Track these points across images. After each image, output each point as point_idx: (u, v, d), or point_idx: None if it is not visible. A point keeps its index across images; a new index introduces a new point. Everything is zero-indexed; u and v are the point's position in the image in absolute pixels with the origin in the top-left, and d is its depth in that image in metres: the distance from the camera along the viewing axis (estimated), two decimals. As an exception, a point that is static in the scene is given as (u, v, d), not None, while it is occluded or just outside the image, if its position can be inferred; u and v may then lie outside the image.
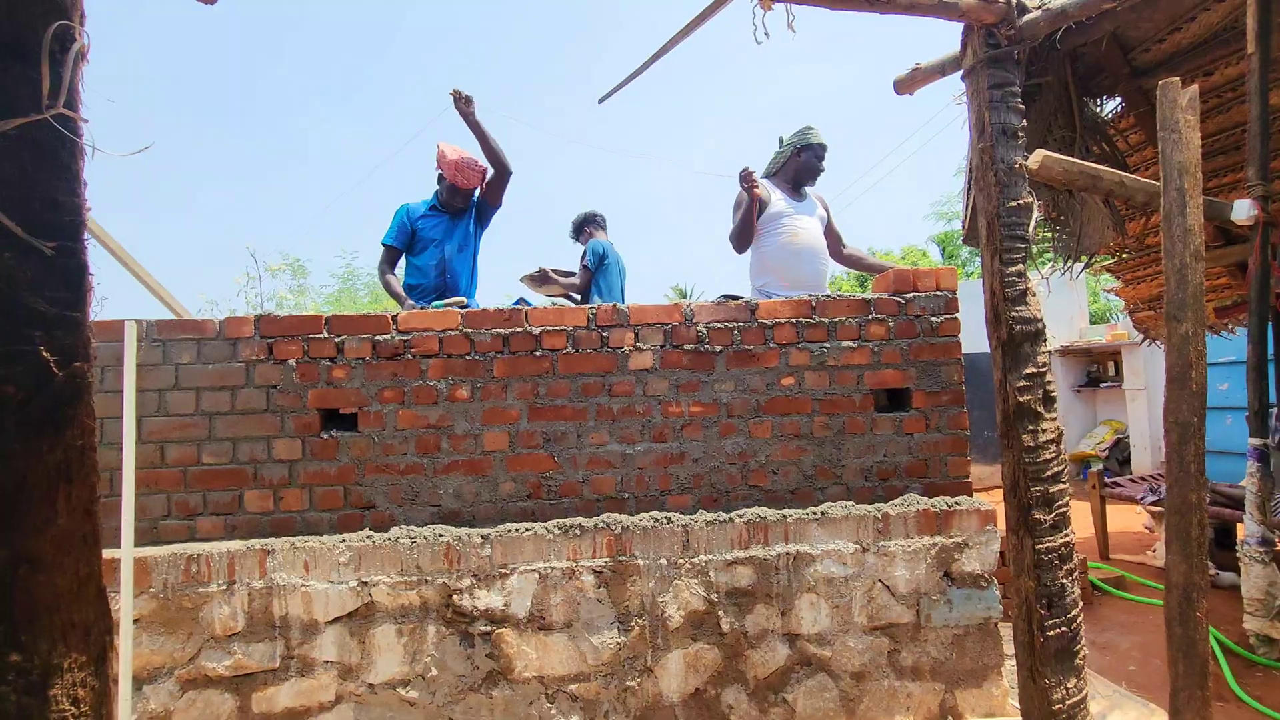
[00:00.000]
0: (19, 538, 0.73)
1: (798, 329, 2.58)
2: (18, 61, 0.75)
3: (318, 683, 2.24)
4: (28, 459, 0.74)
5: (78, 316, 0.79)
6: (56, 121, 0.76)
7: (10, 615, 0.72)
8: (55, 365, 0.75)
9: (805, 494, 2.55)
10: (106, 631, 0.80)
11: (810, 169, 3.33)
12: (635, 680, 2.34)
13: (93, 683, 0.76)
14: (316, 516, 2.38)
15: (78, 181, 0.80)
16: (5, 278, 0.73)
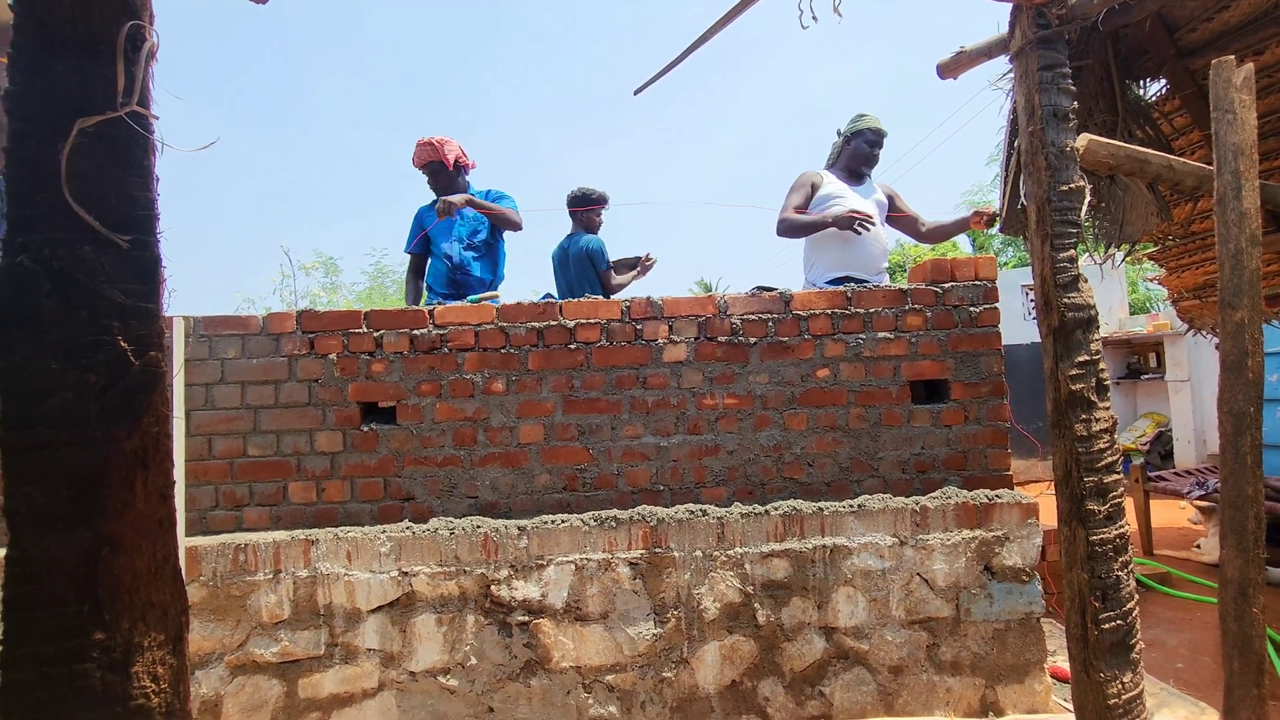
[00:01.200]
0: (101, 521, 0.76)
1: (833, 320, 2.55)
2: (93, 60, 0.78)
3: (361, 670, 2.29)
4: (108, 445, 0.76)
5: (152, 308, 0.81)
6: (130, 119, 0.79)
7: (94, 595, 0.75)
8: (132, 355, 0.78)
9: (841, 487, 2.53)
10: (182, 612, 0.83)
11: (861, 155, 3.31)
12: (671, 671, 2.34)
13: (170, 661, 0.79)
14: (358, 507, 2.43)
15: (150, 177, 0.82)
16: (85, 270, 0.76)
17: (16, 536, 0.74)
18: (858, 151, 3.30)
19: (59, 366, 0.74)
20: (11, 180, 0.75)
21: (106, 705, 0.74)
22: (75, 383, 0.75)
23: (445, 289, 3.39)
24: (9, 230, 0.75)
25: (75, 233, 0.76)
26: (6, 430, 0.74)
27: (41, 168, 0.75)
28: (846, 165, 3.33)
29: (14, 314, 0.74)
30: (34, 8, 0.77)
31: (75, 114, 0.76)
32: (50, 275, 0.74)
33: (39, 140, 0.75)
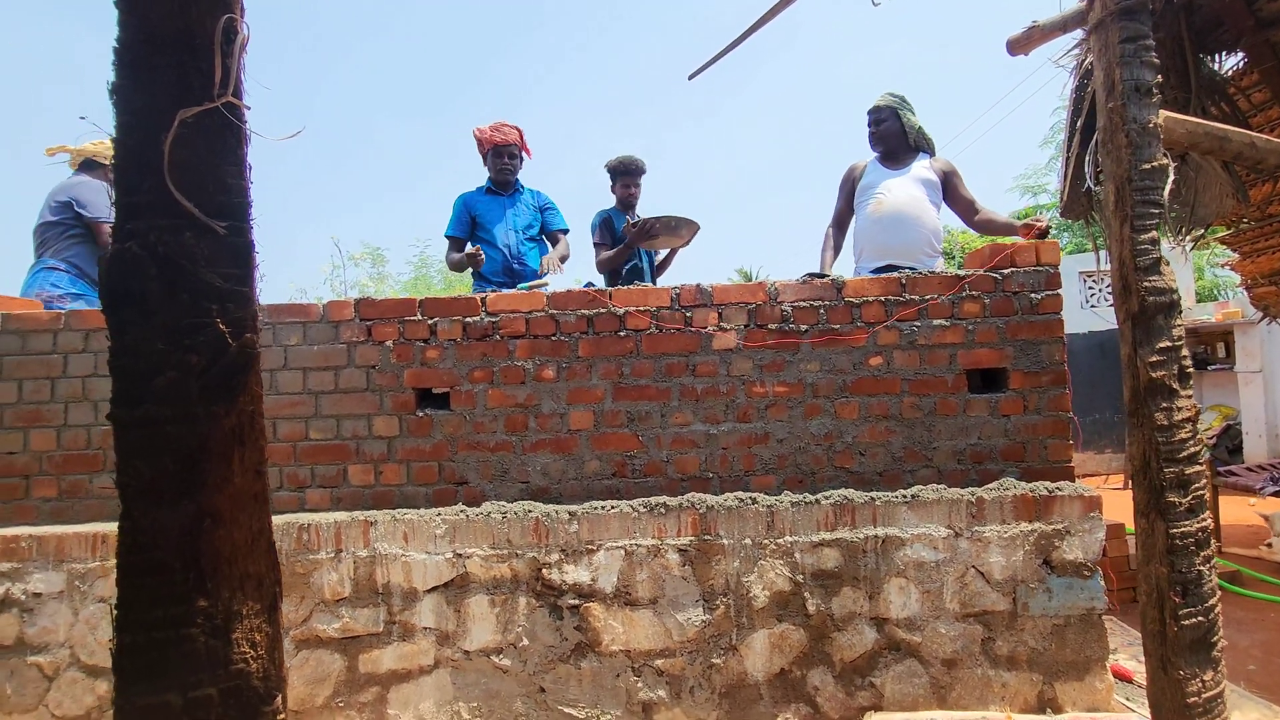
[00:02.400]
0: (203, 494, 0.80)
1: (886, 307, 2.50)
2: (190, 54, 0.81)
3: (417, 647, 2.36)
4: (208, 423, 0.80)
5: (247, 292, 0.85)
6: (225, 109, 0.82)
7: (197, 565, 0.79)
8: (230, 336, 0.81)
9: (894, 476, 2.49)
10: (276, 583, 0.87)
11: (870, 137, 3.26)
12: (720, 658, 2.35)
13: (266, 629, 0.83)
14: (413, 490, 2.49)
15: (243, 165, 0.86)
16: (187, 255, 0.79)
17: (128, 507, 0.78)
18: (869, 135, 3.26)
19: (164, 347, 0.78)
20: (119, 170, 0.79)
21: (210, 669, 0.78)
22: (179, 363, 0.79)
23: (501, 278, 3.43)
24: (118, 218, 0.79)
25: (177, 219, 0.79)
26: (118, 407, 0.78)
27: (146, 158, 0.79)
28: (876, 148, 3.28)
29: (124, 297, 0.78)
30: (136, 5, 0.80)
31: (175, 106, 0.79)
32: (156, 260, 0.78)
33: (143, 132, 0.79)
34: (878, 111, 3.18)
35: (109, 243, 2.64)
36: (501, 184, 3.57)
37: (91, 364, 2.48)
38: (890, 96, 3.20)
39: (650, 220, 3.30)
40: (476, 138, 3.56)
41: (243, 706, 0.79)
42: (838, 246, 3.40)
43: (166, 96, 0.80)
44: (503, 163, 3.52)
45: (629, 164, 3.75)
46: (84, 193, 3.07)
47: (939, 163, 3.23)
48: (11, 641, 2.30)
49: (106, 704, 2.30)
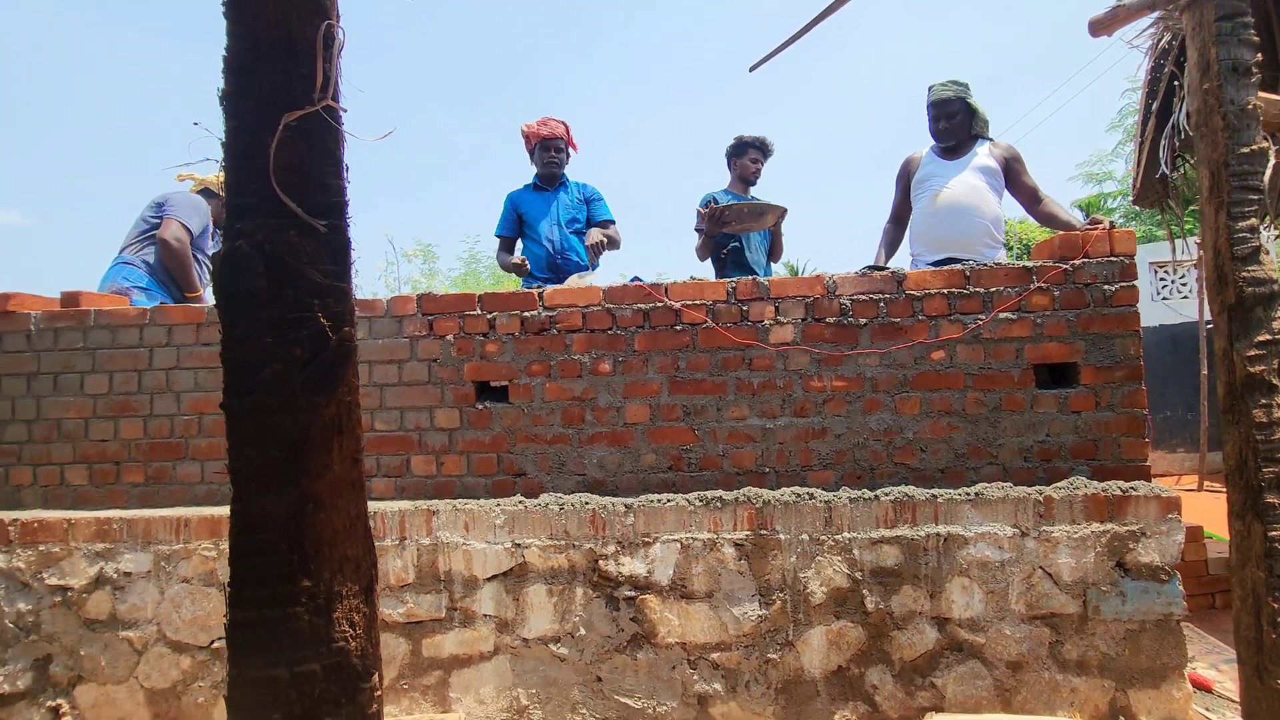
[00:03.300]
0: (305, 481, 0.84)
1: (949, 300, 2.44)
2: (292, 60, 0.85)
3: (478, 634, 2.42)
4: (310, 413, 0.84)
5: (345, 287, 0.89)
6: (324, 112, 0.86)
7: (301, 547, 0.83)
8: (330, 330, 0.85)
9: (957, 474, 2.43)
10: (372, 566, 0.90)
11: (932, 130, 3.16)
12: (776, 653, 2.34)
13: (364, 609, 0.87)
14: (473, 481, 2.56)
15: (341, 165, 0.89)
16: (291, 253, 0.83)
17: (239, 492, 0.83)
18: (930, 125, 3.18)
19: (271, 340, 0.83)
20: (229, 172, 0.84)
21: (314, 646, 0.83)
22: (284, 355, 0.83)
23: (545, 272, 3.47)
24: (229, 218, 0.83)
25: (282, 219, 0.83)
26: (230, 397, 0.83)
27: (253, 160, 0.83)
28: (935, 139, 3.18)
29: (234, 293, 0.83)
30: (243, 14, 0.84)
31: (279, 110, 0.83)
32: (263, 258, 0.82)
33: (250, 136, 0.83)
34: (948, 104, 3.07)
35: (165, 237, 2.78)
36: (547, 178, 3.61)
37: (174, 357, 2.62)
38: (955, 86, 3.09)
39: (720, 208, 3.27)
40: (524, 134, 3.60)
41: (343, 683, 0.83)
42: (895, 243, 3.34)
43: (271, 101, 0.84)
44: (549, 156, 3.57)
45: (762, 139, 3.75)
46: (174, 198, 3.26)
47: (1000, 148, 3.11)
48: (105, 617, 2.45)
49: (190, 678, 2.43)
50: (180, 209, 3.21)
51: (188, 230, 3.18)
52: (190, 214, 3.24)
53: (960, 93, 3.10)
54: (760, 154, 3.75)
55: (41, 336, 2.65)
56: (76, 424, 2.63)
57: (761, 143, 3.76)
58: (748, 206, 3.31)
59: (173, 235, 3.13)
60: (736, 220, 3.33)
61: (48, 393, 2.64)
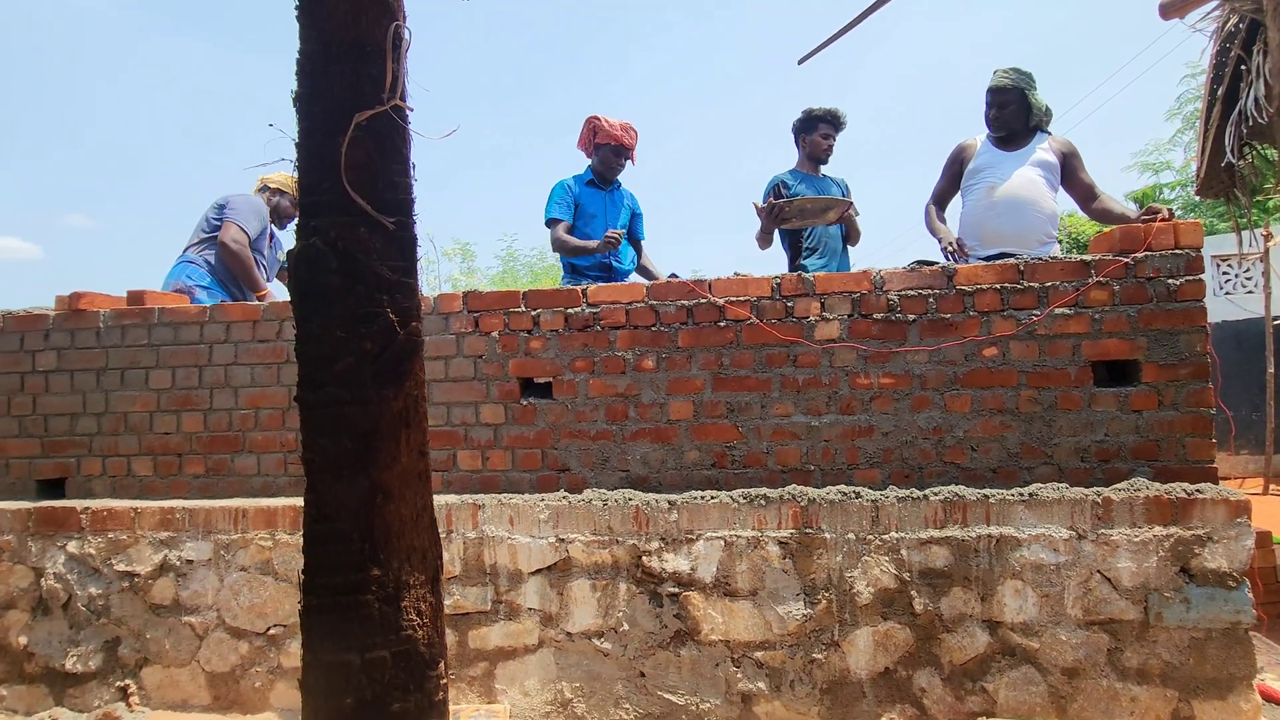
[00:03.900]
0: (375, 471, 0.86)
1: (1002, 295, 2.38)
2: (362, 61, 0.87)
3: (523, 627, 2.45)
4: (380, 405, 0.87)
5: (412, 283, 0.91)
6: (393, 111, 0.88)
7: (371, 536, 0.85)
8: (398, 325, 0.87)
9: (1009, 473, 2.37)
10: (438, 557, 0.92)
11: (987, 118, 3.07)
12: (822, 653, 2.32)
13: (430, 599, 0.89)
14: (518, 476, 2.59)
15: (408, 164, 0.91)
16: (362, 249, 0.86)
17: (312, 481, 0.86)
18: (986, 114, 3.08)
19: (343, 335, 0.85)
20: (302, 172, 0.86)
21: (383, 633, 0.85)
22: (356, 349, 0.85)
23: (596, 272, 3.48)
24: (301, 216, 0.86)
25: (352, 216, 0.86)
26: (304, 390, 0.85)
27: (325, 159, 0.85)
28: (991, 128, 3.09)
29: (309, 289, 0.85)
30: (315, 18, 0.87)
31: (349, 110, 0.86)
32: (336, 254, 0.85)
33: (322, 136, 0.86)
34: (1002, 93, 2.98)
35: (224, 240, 2.88)
36: (606, 180, 3.57)
37: (232, 354, 2.72)
38: (1015, 74, 3.00)
39: (779, 204, 3.14)
40: (597, 126, 3.45)
41: (411, 670, 0.85)
42: (944, 220, 3.26)
43: (341, 102, 0.86)
44: (617, 161, 3.50)
45: (833, 112, 3.48)
46: (234, 200, 3.38)
47: (1058, 142, 3.02)
48: (169, 602, 2.55)
49: (248, 663, 2.52)
50: (239, 212, 3.32)
51: (245, 232, 3.30)
52: (249, 216, 3.35)
53: (1018, 82, 3.01)
54: (832, 128, 3.48)
55: (109, 333, 2.77)
56: (142, 417, 2.74)
57: (833, 115, 3.48)
58: (809, 202, 3.15)
59: (231, 238, 3.25)
60: (798, 216, 3.16)
61: (115, 387, 2.76)
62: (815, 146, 3.50)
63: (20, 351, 2.80)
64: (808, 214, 3.17)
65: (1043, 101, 3.02)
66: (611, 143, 3.47)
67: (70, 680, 2.57)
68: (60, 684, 2.58)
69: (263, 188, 3.59)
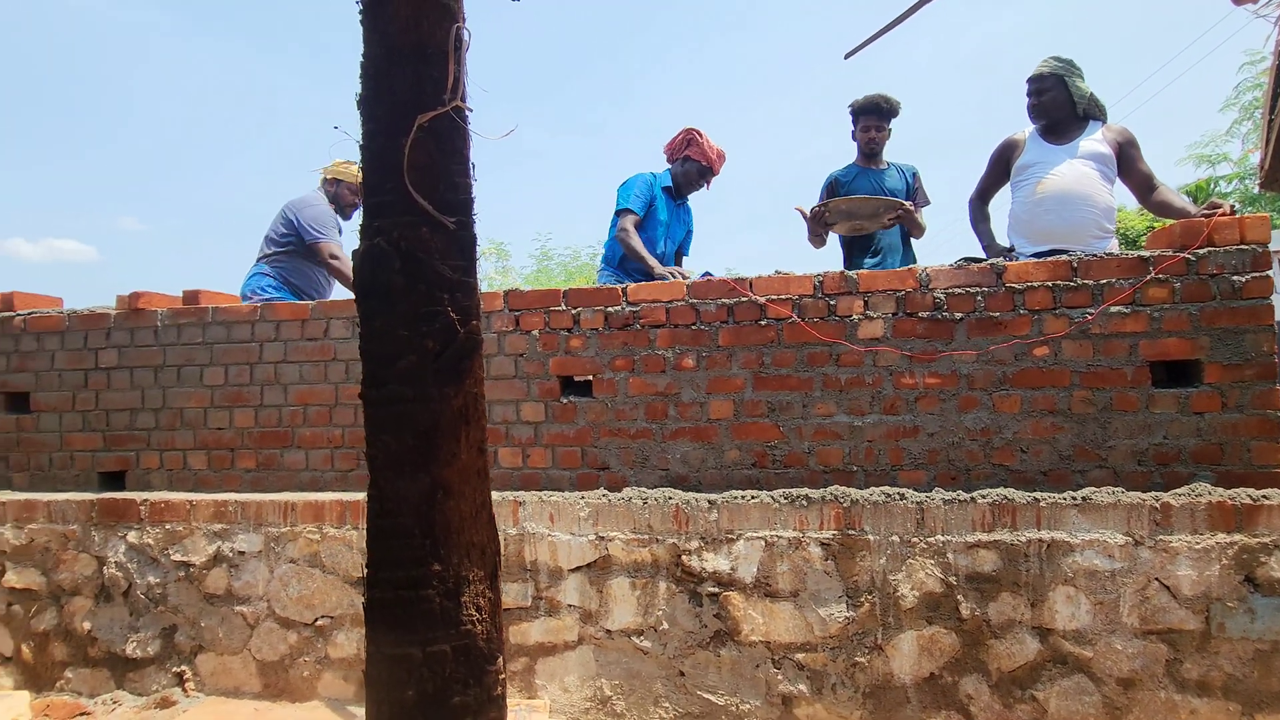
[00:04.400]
0: (436, 468, 0.87)
1: (1054, 293, 2.31)
2: (423, 64, 0.88)
3: (563, 623, 2.47)
4: (441, 402, 0.88)
5: (472, 282, 0.92)
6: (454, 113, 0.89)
7: (432, 532, 0.87)
8: (459, 324, 0.88)
9: (1060, 476, 2.30)
10: (496, 553, 0.94)
11: (1029, 108, 2.98)
12: (865, 657, 2.28)
13: (489, 594, 0.90)
14: (558, 474, 2.60)
15: (467, 164, 0.93)
16: (424, 249, 0.87)
17: (375, 477, 0.88)
18: (1028, 104, 2.98)
19: (406, 333, 0.86)
20: (366, 173, 0.88)
21: (444, 627, 0.86)
22: (418, 347, 0.87)
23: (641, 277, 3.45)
24: (365, 216, 0.88)
25: (414, 216, 0.87)
26: (368, 387, 0.87)
27: (388, 161, 0.87)
28: (1035, 119, 3.00)
29: (373, 289, 0.87)
30: (378, 21, 0.88)
31: (411, 112, 0.87)
32: (399, 254, 0.86)
33: (385, 138, 0.88)
34: (1040, 80, 2.90)
35: (326, 260, 2.98)
36: (682, 193, 3.51)
37: (281, 351, 2.79)
38: (1055, 62, 2.91)
39: (820, 208, 3.03)
40: (693, 140, 3.34)
41: (470, 664, 0.87)
42: (988, 218, 3.19)
43: (403, 104, 0.88)
44: (700, 181, 3.44)
45: (874, 102, 3.28)
46: (308, 214, 3.50)
47: (1114, 131, 2.90)
48: (222, 592, 2.64)
49: (296, 653, 2.59)
50: (321, 225, 3.47)
51: (336, 243, 3.49)
52: (328, 226, 3.53)
53: (1057, 69, 2.91)
54: (876, 119, 3.29)
55: (166, 332, 2.87)
56: (197, 413, 2.84)
57: (874, 106, 3.27)
58: (855, 204, 2.97)
59: (330, 255, 3.41)
60: (844, 219, 3.00)
61: (172, 384, 2.86)
62: (862, 140, 3.39)
63: (84, 349, 2.93)
64: (856, 216, 3.02)
65: (1086, 88, 2.92)
66: (702, 161, 3.37)
67: (130, 665, 2.67)
68: (121, 668, 2.68)
69: (322, 183, 3.69)
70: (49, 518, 2.75)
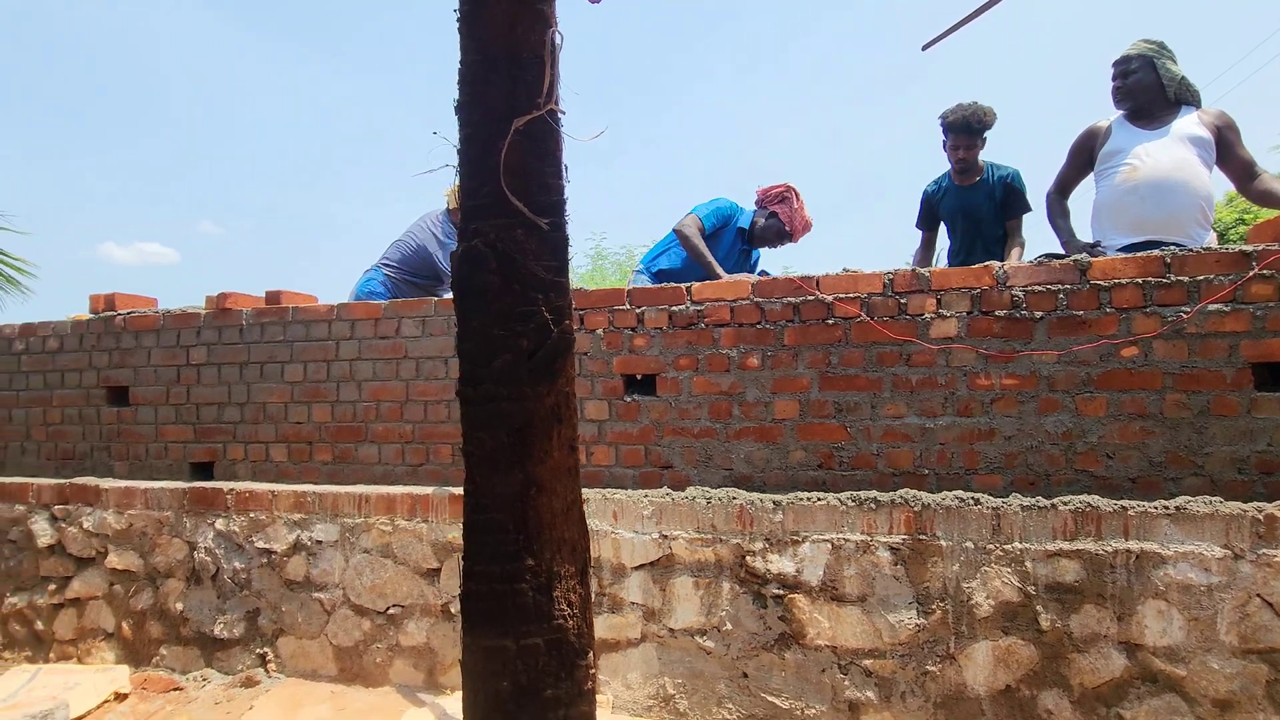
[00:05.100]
0: (529, 465, 0.89)
1: (1144, 291, 2.19)
2: (517, 68, 0.90)
3: (625, 620, 2.48)
4: (534, 401, 0.90)
5: (564, 282, 0.93)
6: (548, 116, 0.91)
7: (525, 527, 0.89)
8: (552, 323, 0.90)
9: (1151, 484, 2.18)
10: (586, 550, 0.95)
11: (1114, 91, 2.82)
12: (936, 665, 2.22)
13: (580, 590, 0.92)
14: (621, 472, 2.62)
15: (560, 166, 0.94)
16: (519, 250, 0.89)
17: (471, 473, 0.90)
18: (1113, 87, 2.82)
19: (501, 333, 0.89)
20: (463, 177, 0.90)
21: (536, 621, 0.88)
22: (513, 346, 0.89)
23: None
24: (463, 219, 0.90)
25: (510, 218, 0.89)
26: (465, 385, 0.90)
27: (485, 165, 0.89)
28: (1122, 104, 2.84)
29: (469, 289, 0.89)
30: (474, 28, 0.91)
31: (506, 117, 0.89)
32: (495, 255, 0.88)
33: (481, 142, 0.90)
34: (1126, 61, 2.75)
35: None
36: (752, 243, 3.44)
37: (356, 349, 2.90)
38: (1144, 44, 2.76)
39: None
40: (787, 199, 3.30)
41: (562, 658, 0.88)
42: (1068, 213, 3.04)
43: (499, 108, 0.90)
44: (774, 241, 3.38)
45: (964, 120, 3.09)
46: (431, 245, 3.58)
47: (1211, 114, 2.71)
48: (301, 579, 2.76)
49: (370, 640, 2.69)
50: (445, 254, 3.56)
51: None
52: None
53: (1144, 50, 2.76)
54: (964, 137, 3.11)
55: (251, 330, 3.02)
56: (278, 407, 2.98)
57: (964, 124, 3.07)
58: None
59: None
60: None
61: (255, 380, 3.01)
62: (952, 158, 3.23)
63: (177, 346, 3.11)
64: None
65: (1178, 71, 2.74)
66: (785, 225, 3.30)
67: (218, 644, 2.83)
68: (210, 647, 2.84)
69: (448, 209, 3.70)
70: (146, 504, 2.94)
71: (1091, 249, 2.60)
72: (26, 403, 3.33)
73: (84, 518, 3.00)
